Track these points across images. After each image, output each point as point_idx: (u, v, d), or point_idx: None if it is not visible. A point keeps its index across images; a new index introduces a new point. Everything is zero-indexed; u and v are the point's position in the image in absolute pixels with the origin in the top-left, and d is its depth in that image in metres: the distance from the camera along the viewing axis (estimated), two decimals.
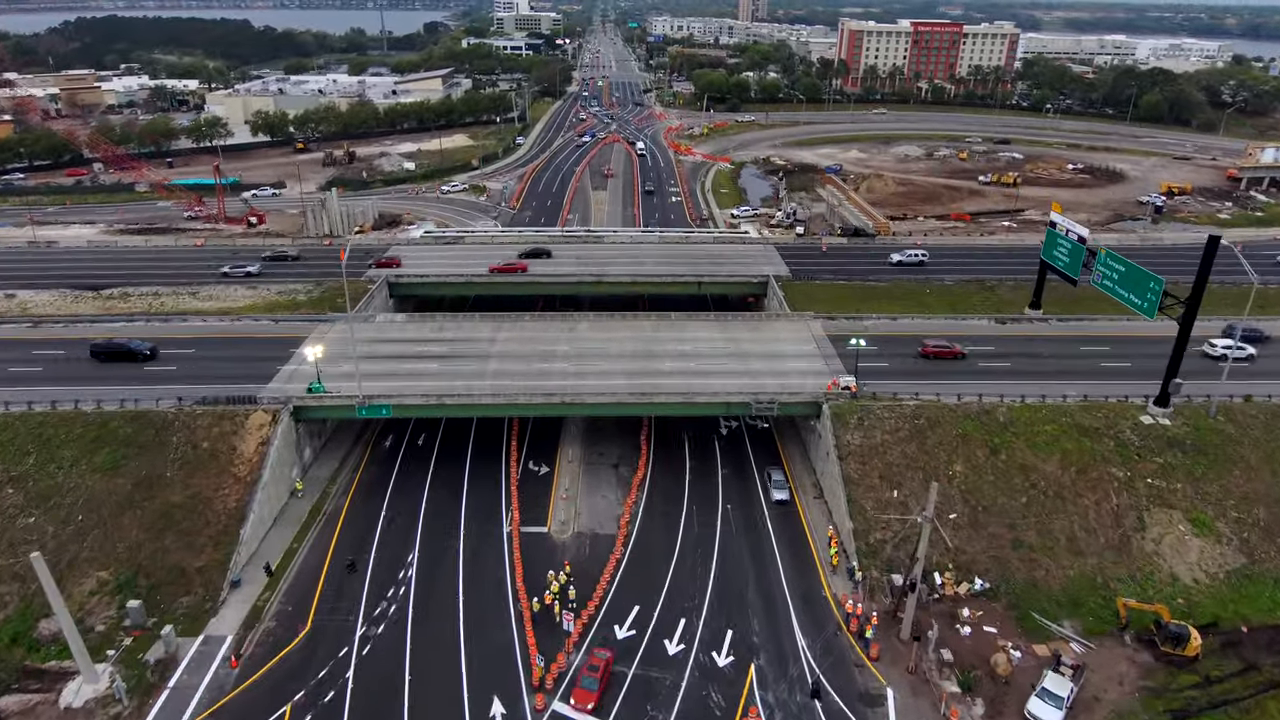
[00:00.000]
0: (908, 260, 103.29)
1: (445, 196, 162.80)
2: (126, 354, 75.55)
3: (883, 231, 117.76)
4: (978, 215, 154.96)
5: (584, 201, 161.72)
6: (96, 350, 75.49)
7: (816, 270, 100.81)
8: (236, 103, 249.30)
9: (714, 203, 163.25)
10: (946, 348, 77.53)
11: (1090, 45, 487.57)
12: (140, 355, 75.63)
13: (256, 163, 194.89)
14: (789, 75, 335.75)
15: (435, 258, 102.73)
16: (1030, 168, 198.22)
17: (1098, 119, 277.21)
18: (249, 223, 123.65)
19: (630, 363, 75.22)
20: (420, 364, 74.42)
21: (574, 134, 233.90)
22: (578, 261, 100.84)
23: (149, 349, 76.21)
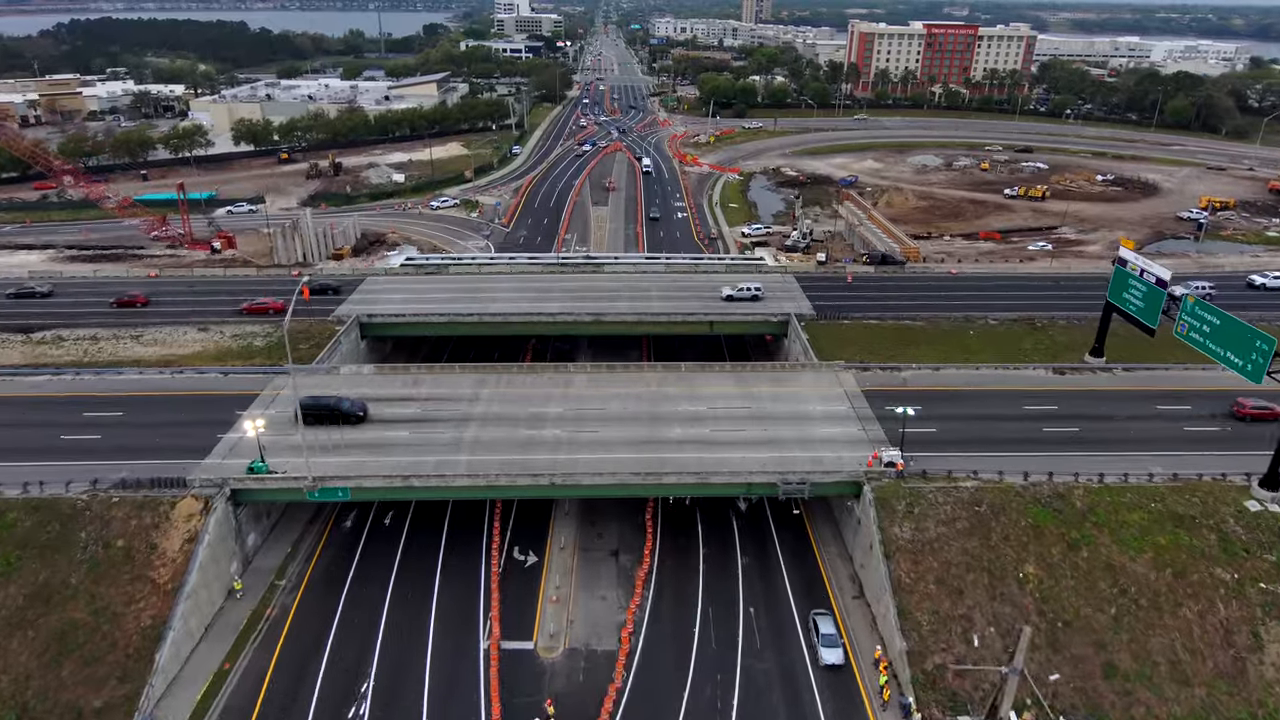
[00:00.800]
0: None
1: (435, 213, 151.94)
2: (336, 414, 63.97)
3: (912, 258, 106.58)
4: (1008, 233, 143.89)
5: (583, 218, 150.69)
6: (307, 409, 61.79)
7: (842, 306, 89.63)
8: (221, 109, 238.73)
9: (723, 219, 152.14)
10: (1266, 409, 66.51)
11: (1103, 47, 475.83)
12: (354, 417, 63.91)
13: (237, 175, 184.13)
14: (797, 80, 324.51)
15: (414, 292, 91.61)
16: (1057, 179, 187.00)
17: (1121, 125, 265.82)
18: (212, 248, 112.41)
19: (634, 428, 64.12)
20: (388, 430, 63.36)
21: (574, 142, 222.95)
22: (574, 296, 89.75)
23: (361, 409, 64.61)
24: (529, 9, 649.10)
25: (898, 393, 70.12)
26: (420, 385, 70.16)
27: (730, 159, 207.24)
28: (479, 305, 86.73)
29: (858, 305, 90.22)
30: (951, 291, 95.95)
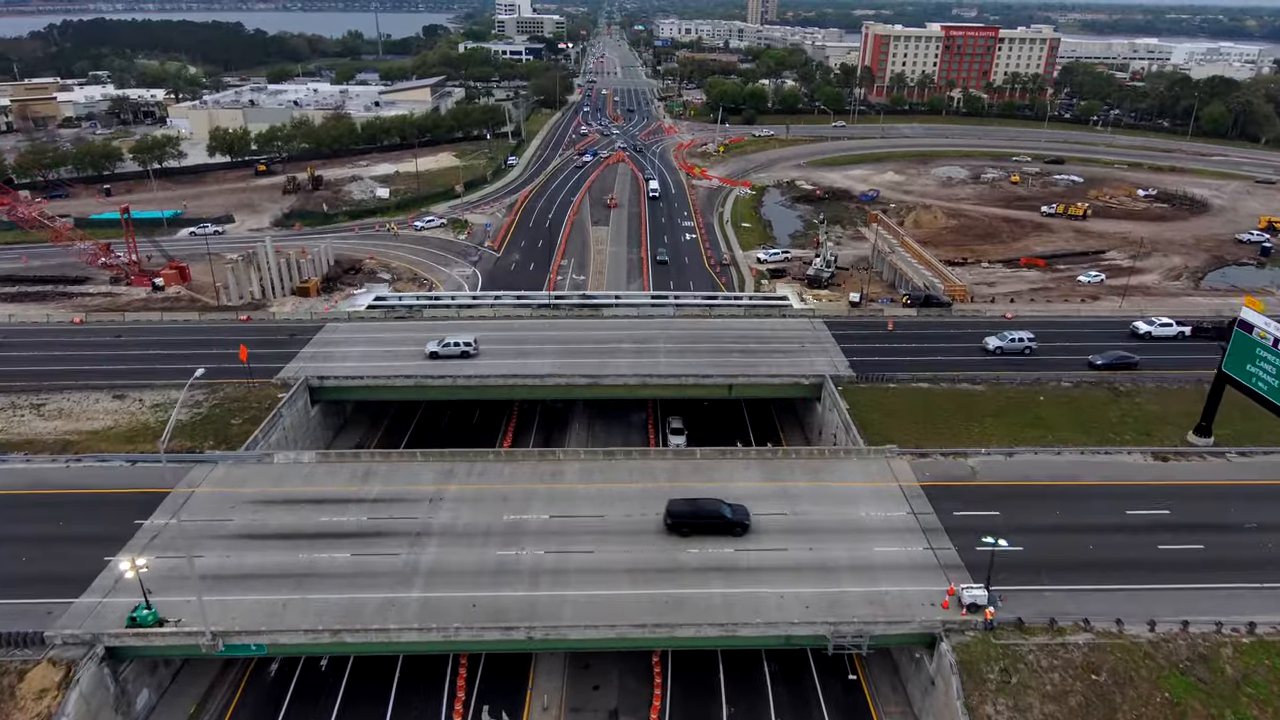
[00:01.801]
0: (1010, 347, 77.88)
1: (419, 234, 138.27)
2: (719, 523, 51.39)
3: (959, 298, 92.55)
4: (1053, 259, 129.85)
5: (581, 239, 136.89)
6: (678, 517, 51.13)
7: (885, 362, 75.62)
8: (201, 115, 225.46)
9: (735, 241, 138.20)
10: None
11: (1121, 49, 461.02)
12: (737, 527, 51.50)
13: (210, 189, 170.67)
14: (808, 84, 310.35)
15: (379, 343, 77.84)
16: (1096, 194, 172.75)
17: (1153, 133, 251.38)
18: (154, 284, 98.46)
19: (638, 546, 50.29)
20: (323, 551, 49.57)
21: (574, 152, 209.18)
22: (567, 349, 75.94)
23: (744, 518, 51.99)
24: (530, 10, 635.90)
25: (966, 489, 56.28)
26: (371, 480, 56.32)
27: (741, 171, 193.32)
28: (454, 361, 72.95)
29: (903, 360, 76.17)
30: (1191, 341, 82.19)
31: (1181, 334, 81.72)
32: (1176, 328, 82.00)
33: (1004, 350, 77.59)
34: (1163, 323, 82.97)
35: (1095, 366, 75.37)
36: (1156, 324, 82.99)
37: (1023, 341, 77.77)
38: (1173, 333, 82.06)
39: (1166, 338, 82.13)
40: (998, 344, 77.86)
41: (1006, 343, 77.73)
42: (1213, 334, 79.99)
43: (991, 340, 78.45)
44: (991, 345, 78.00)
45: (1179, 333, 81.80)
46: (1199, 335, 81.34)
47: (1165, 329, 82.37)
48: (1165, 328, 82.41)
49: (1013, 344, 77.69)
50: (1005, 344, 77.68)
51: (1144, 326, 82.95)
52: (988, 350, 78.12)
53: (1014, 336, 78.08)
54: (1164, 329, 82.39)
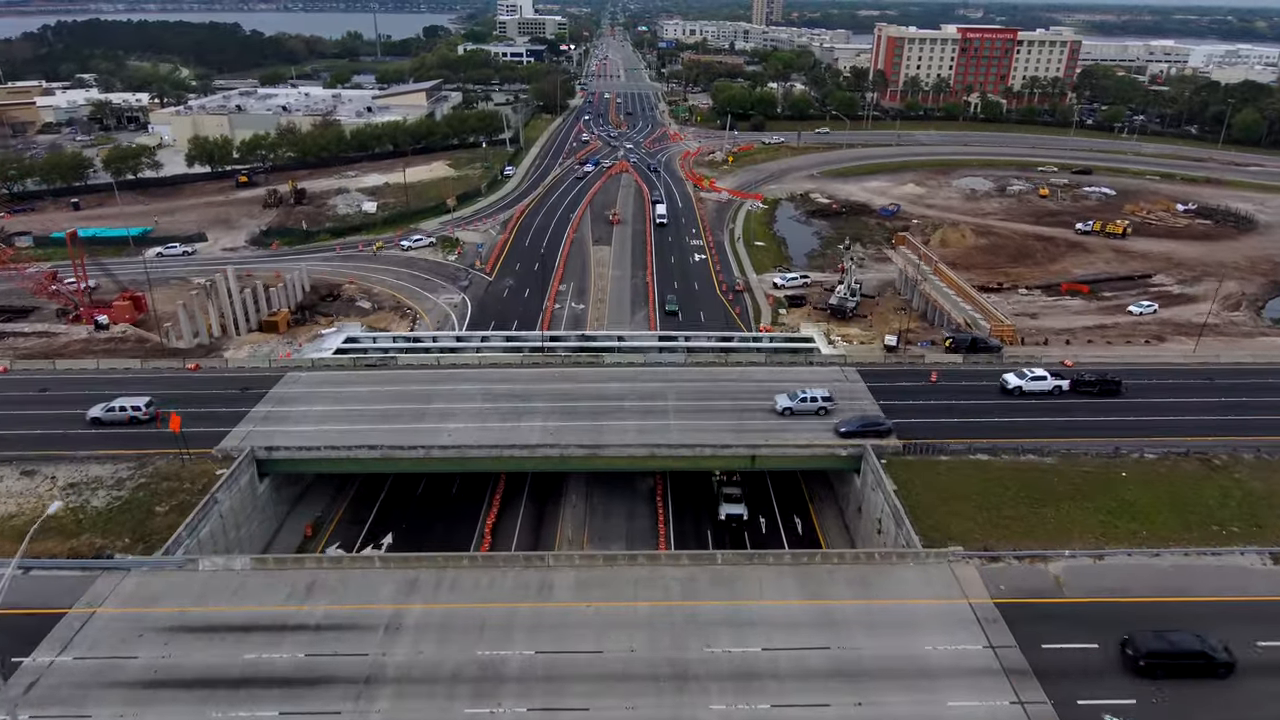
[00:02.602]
0: (1032, 389, 68.24)
1: (406, 254, 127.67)
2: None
3: (1008, 340, 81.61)
4: (1095, 284, 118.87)
5: (581, 261, 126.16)
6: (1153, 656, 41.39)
7: (932, 424, 64.79)
8: (185, 122, 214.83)
9: (748, 263, 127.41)
10: None
11: (1137, 51, 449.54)
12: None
13: (187, 202, 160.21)
14: (819, 88, 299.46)
15: (343, 400, 67.13)
16: (1131, 209, 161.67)
17: (1181, 140, 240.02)
18: (96, 323, 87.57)
19: (640, 692, 39.53)
20: (243, 708, 38.80)
21: (574, 161, 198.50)
22: (562, 408, 65.21)
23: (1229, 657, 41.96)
24: (533, 11, 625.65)
25: (1053, 608, 45.41)
26: (316, 594, 45.58)
27: (751, 182, 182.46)
28: (430, 426, 62.29)
29: (953, 422, 65.27)
30: (1076, 397, 70.72)
31: (1058, 388, 69.77)
32: (1052, 381, 69.92)
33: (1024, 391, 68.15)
34: (1035, 375, 70.50)
35: None
36: (1028, 377, 70.43)
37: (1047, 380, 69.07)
38: (1047, 387, 69.82)
39: (1039, 393, 70.21)
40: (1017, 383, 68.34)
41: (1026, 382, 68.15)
42: (1096, 388, 69.97)
43: (1009, 379, 68.66)
44: (1010, 384, 68.41)
45: (1054, 386, 69.74)
46: (1081, 389, 70.11)
47: (1039, 383, 70.14)
48: (1039, 381, 70.17)
49: (1036, 383, 68.31)
50: (1025, 383, 68.12)
51: (1014, 380, 70.49)
52: (1005, 387, 68.40)
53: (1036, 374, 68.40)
54: (1037, 383, 70.18)
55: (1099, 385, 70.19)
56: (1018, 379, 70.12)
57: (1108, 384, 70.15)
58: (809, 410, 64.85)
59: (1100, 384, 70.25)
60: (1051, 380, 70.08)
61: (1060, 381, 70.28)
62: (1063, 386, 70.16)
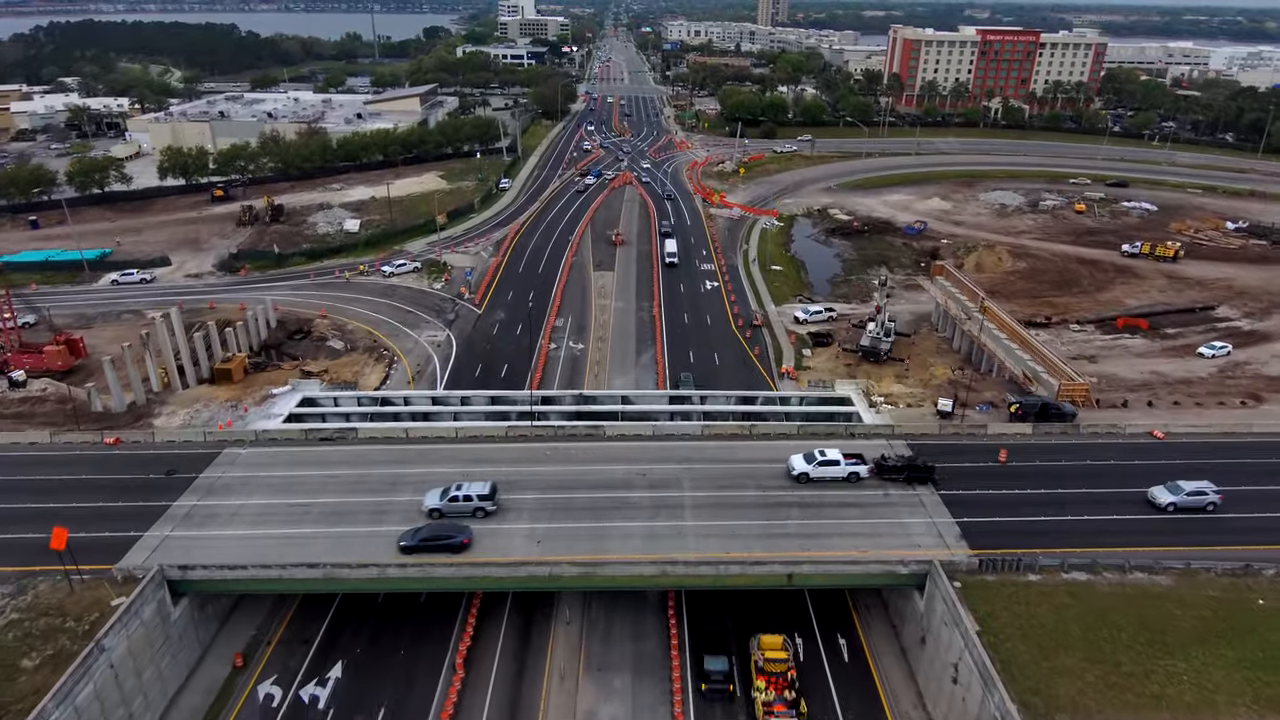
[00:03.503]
0: (1186, 504, 54.51)
1: (387, 280, 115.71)
2: None
3: (1081, 401, 69.36)
4: (1154, 318, 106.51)
5: (581, 289, 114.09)
6: None
7: (1009, 525, 52.62)
8: (164, 129, 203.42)
9: (765, 291, 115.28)
10: None
11: (1155, 53, 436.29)
12: None
13: (157, 218, 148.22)
14: (831, 92, 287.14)
15: (284, 492, 55.07)
16: (1178, 227, 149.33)
17: (1217, 149, 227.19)
18: (10, 380, 74.92)
19: None
20: None
21: (575, 172, 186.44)
22: (552, 502, 53.14)
23: None
24: (534, 11, 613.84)
25: None
26: None
27: (764, 196, 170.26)
28: (390, 530, 50.23)
29: (1033, 523, 53.03)
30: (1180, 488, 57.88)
31: (854, 474, 56.16)
32: (845, 466, 56.22)
33: (1179, 508, 54.30)
34: (826, 460, 56.39)
35: None
36: (815, 463, 56.40)
37: (1205, 497, 54.31)
38: (840, 473, 56.25)
39: (829, 480, 56.40)
40: (1170, 498, 54.48)
41: (1181, 497, 54.36)
42: (904, 474, 56.30)
43: (1161, 493, 54.97)
44: (1163, 501, 54.60)
45: (850, 473, 56.14)
46: (886, 475, 56.57)
47: (829, 469, 56.23)
48: (829, 467, 56.20)
49: (1191, 499, 54.34)
50: (1180, 499, 54.33)
51: (800, 465, 56.76)
52: (1159, 506, 54.79)
53: (1192, 489, 54.53)
54: (826, 469, 56.25)
55: (907, 471, 56.23)
56: (1170, 495, 54.89)
57: (918, 469, 56.17)
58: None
59: (909, 469, 56.28)
60: (1211, 493, 54.62)
61: (1212, 497, 54.62)
62: (860, 473, 56.29)
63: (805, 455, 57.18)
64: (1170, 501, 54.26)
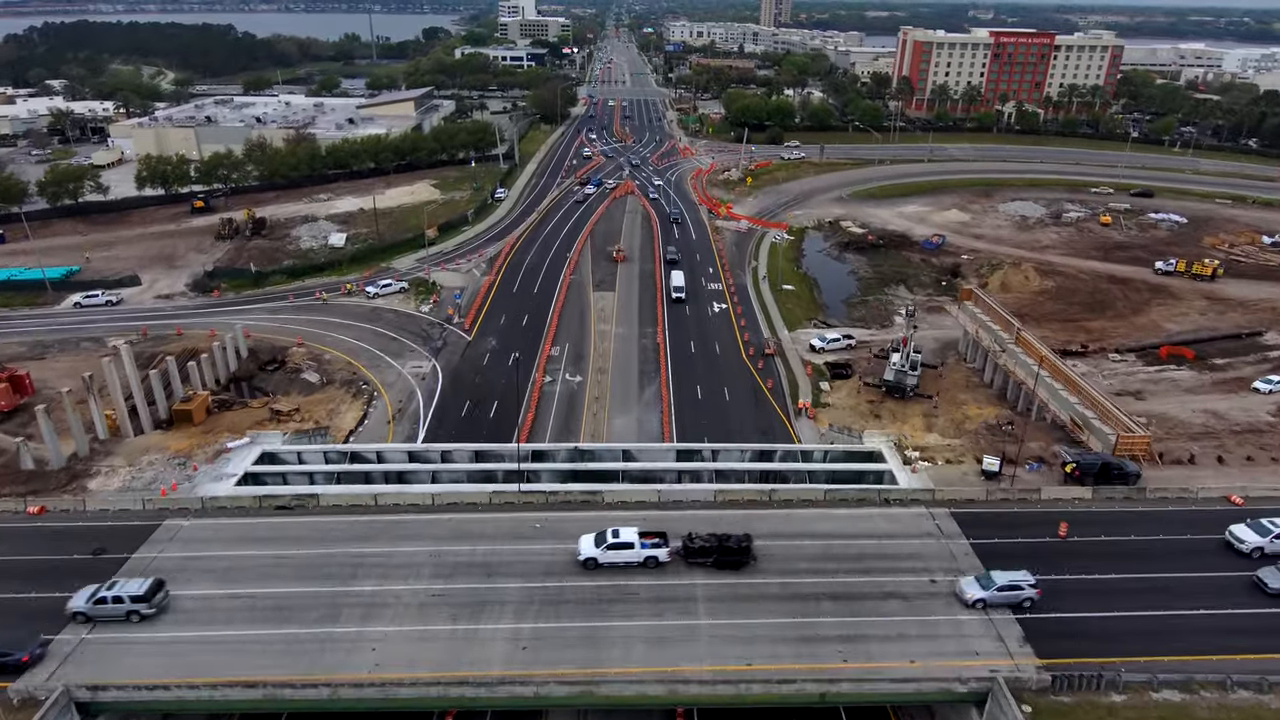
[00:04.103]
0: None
1: (371, 301, 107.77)
2: None
3: (1143, 456, 61.30)
4: (1198, 346, 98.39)
5: (579, 312, 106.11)
6: None
7: (1081, 623, 44.65)
8: (147, 135, 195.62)
9: (777, 314, 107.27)
10: None
11: (1166, 55, 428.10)
12: None
13: (132, 231, 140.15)
14: (839, 96, 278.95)
15: (226, 579, 47.11)
16: (1212, 242, 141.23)
17: (1242, 156, 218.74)
18: None
19: None
20: None
21: (575, 180, 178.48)
22: (543, 599, 45.14)
23: None
24: (535, 12, 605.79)
25: None
26: None
27: (773, 207, 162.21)
28: (347, 631, 42.38)
29: (1109, 620, 44.99)
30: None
31: (652, 559, 47.67)
32: (641, 549, 47.82)
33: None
34: (617, 543, 47.91)
35: None
36: (604, 546, 47.90)
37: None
38: (635, 558, 48.01)
39: (622, 566, 48.26)
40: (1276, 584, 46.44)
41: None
42: (712, 558, 47.93)
43: (1270, 577, 46.88)
44: (1274, 586, 46.50)
45: (647, 558, 47.62)
46: (692, 558, 47.97)
47: (621, 554, 47.84)
48: (620, 551, 47.85)
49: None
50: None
51: (587, 549, 48.55)
52: (1265, 590, 46.75)
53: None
54: (618, 554, 47.98)
55: (716, 553, 47.78)
56: (1258, 536, 48.31)
57: (730, 552, 47.66)
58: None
59: (719, 551, 47.76)
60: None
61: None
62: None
63: (596, 536, 48.49)
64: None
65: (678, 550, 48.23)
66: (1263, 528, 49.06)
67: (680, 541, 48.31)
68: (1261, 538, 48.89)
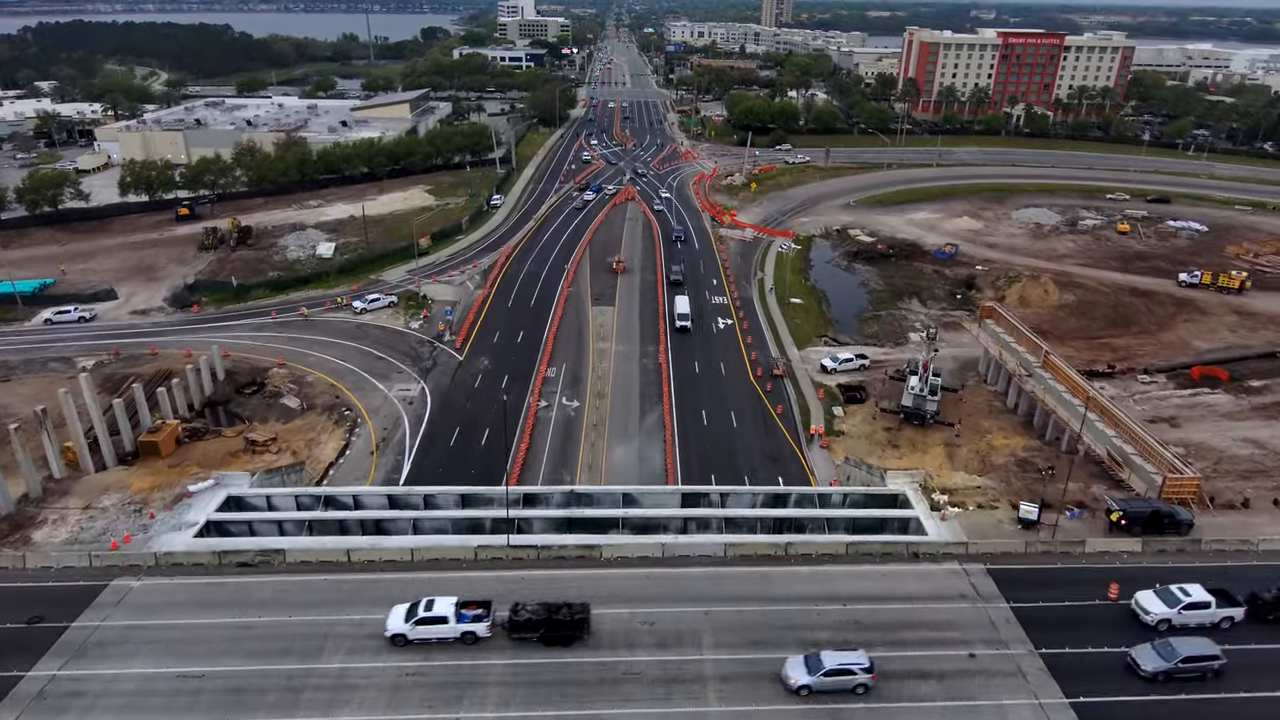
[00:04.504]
0: None
1: (358, 317, 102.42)
2: None
3: (1192, 498, 55.95)
4: (1230, 365, 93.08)
5: (577, 328, 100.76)
6: None
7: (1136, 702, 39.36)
8: (134, 138, 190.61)
9: (785, 330, 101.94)
10: None
11: (1173, 55, 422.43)
12: None
13: (114, 241, 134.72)
14: (844, 97, 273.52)
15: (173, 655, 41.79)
16: (1235, 251, 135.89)
17: (1259, 160, 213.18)
18: None
19: None
20: None
21: (573, 186, 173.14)
22: (528, 682, 39.76)
23: None
24: (535, 12, 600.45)
25: None
26: None
27: (778, 214, 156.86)
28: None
29: (1179, 705, 39.64)
30: None
31: (470, 635, 42.52)
32: (456, 624, 42.62)
33: None
34: (428, 617, 42.49)
35: None
36: (414, 620, 42.13)
37: None
38: (451, 633, 42.67)
39: (436, 642, 42.86)
40: None
41: None
42: (539, 632, 42.54)
43: (1146, 658, 41.39)
44: (1147, 669, 41.02)
45: (464, 633, 42.45)
46: (516, 632, 42.61)
47: (433, 629, 42.78)
48: (432, 626, 42.65)
49: None
50: None
51: (396, 624, 43.17)
52: (1137, 672, 41.31)
53: None
54: (428, 629, 42.72)
55: (544, 627, 41.89)
56: (1164, 607, 43.36)
57: (559, 625, 41.82)
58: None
59: (547, 624, 41.89)
60: None
61: None
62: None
63: (408, 607, 42.83)
64: None
65: (504, 623, 42.51)
66: (1171, 596, 43.78)
67: (510, 611, 42.69)
68: (1169, 608, 43.54)
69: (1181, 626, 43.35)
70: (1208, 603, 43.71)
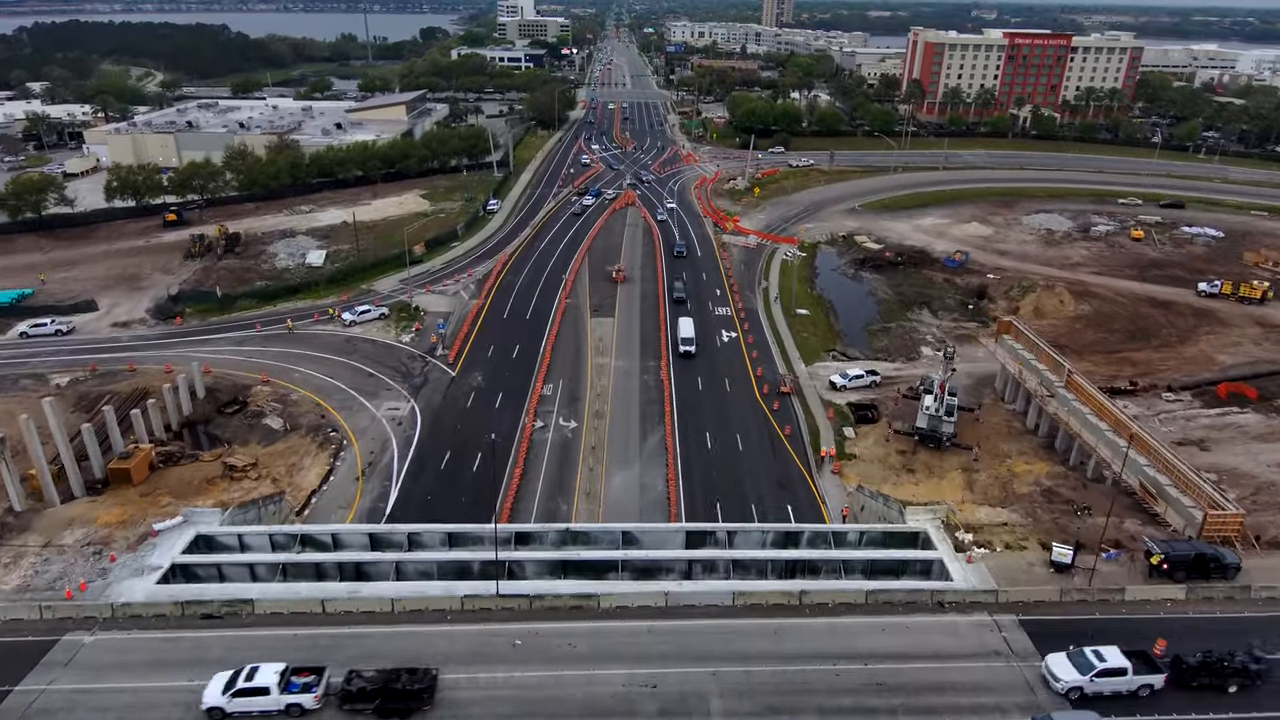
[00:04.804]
0: None
1: (347, 329, 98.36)
2: None
3: (1236, 536, 51.89)
4: (1258, 382, 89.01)
5: (575, 341, 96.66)
6: None
7: None
8: (124, 141, 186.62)
9: (792, 345, 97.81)
10: None
11: (1179, 56, 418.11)
12: None
13: (99, 248, 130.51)
14: (847, 99, 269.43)
15: (140, 707, 37.69)
16: (1253, 259, 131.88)
17: (1272, 164, 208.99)
18: None
19: None
20: None
21: (572, 190, 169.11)
22: None
23: None
24: (534, 12, 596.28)
25: None
26: None
27: (782, 220, 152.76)
28: None
29: None
30: None
31: (295, 707, 38.43)
32: (280, 696, 38.77)
33: None
34: (245, 689, 38.32)
35: None
36: (231, 693, 38.42)
37: None
38: (275, 705, 38.71)
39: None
40: None
41: None
42: (373, 707, 38.56)
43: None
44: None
45: (288, 704, 38.58)
46: (345, 700, 38.95)
47: (253, 700, 38.55)
48: (253, 697, 38.41)
49: None
50: None
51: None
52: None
53: None
54: (246, 701, 38.49)
55: (380, 697, 37.99)
56: (1076, 673, 39.42)
57: (396, 695, 37.89)
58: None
59: (383, 694, 37.98)
60: None
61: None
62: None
63: (229, 676, 39.06)
64: None
65: (336, 692, 38.44)
66: (1084, 661, 39.70)
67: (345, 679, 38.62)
68: (1081, 675, 39.37)
69: (1095, 695, 39.20)
70: (1124, 669, 39.52)
